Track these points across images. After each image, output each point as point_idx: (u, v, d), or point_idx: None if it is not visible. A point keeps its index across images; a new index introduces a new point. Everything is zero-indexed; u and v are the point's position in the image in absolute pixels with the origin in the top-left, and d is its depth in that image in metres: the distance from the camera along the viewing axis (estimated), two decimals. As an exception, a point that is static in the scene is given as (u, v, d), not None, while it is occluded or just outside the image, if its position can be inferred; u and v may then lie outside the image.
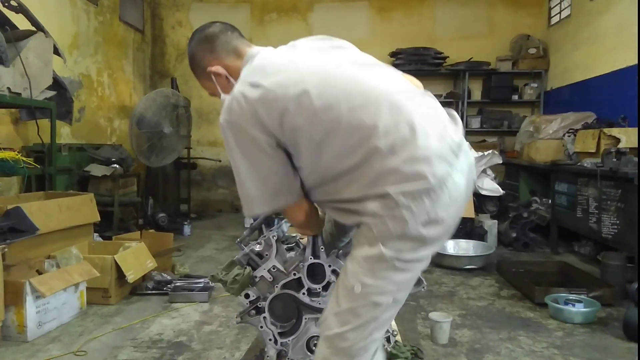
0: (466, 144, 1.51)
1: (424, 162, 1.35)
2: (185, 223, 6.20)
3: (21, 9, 3.93)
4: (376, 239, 1.37)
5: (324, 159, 1.44)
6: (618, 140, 4.36)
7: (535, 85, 7.47)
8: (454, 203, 1.40)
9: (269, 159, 1.46)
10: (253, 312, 1.97)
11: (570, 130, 5.39)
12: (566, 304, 3.37)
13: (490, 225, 5.33)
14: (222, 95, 1.67)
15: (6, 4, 3.87)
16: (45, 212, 3.38)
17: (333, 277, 1.89)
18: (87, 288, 3.44)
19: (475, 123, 7.53)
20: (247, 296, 1.95)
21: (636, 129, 4.35)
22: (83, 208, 3.79)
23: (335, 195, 1.47)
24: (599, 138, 4.57)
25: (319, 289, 1.91)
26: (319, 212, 1.80)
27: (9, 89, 3.57)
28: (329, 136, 1.40)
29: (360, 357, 1.45)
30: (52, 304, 3.08)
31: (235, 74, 1.62)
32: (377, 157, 1.37)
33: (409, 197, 1.34)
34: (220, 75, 1.66)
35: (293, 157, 1.50)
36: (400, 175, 1.35)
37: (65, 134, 5.55)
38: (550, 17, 7.43)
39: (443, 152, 1.38)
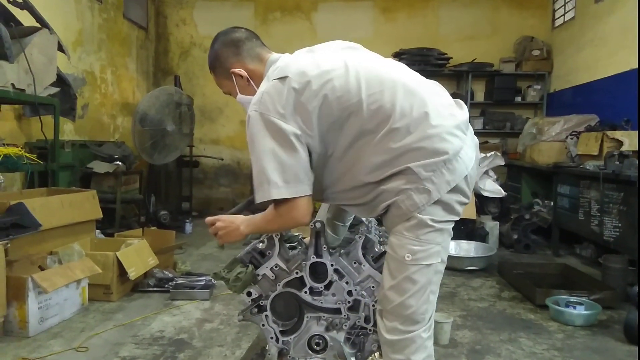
0: (471, 127, 1.67)
1: (439, 137, 1.50)
2: (187, 221, 6.22)
3: (26, 6, 3.93)
4: (407, 212, 1.51)
5: (345, 143, 1.56)
6: (621, 143, 4.36)
7: (539, 87, 7.46)
8: (469, 173, 1.56)
9: (293, 150, 1.52)
10: (255, 310, 1.97)
11: (573, 133, 5.39)
12: (567, 306, 3.37)
13: (492, 226, 5.33)
14: (239, 96, 1.79)
15: (11, 1, 3.88)
16: (48, 208, 3.39)
17: (335, 277, 1.89)
18: (89, 284, 3.45)
19: (478, 124, 7.52)
20: (249, 294, 1.95)
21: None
22: (85, 205, 3.80)
23: (357, 181, 1.57)
24: (602, 141, 4.57)
25: (321, 287, 1.91)
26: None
27: (13, 85, 3.57)
28: (350, 118, 1.53)
29: (424, 321, 1.57)
30: (54, 299, 3.09)
31: (255, 77, 1.75)
32: (395, 136, 1.50)
33: (429, 169, 1.48)
34: (242, 77, 1.76)
35: (313, 149, 1.58)
36: (419, 152, 1.49)
37: (69, 130, 5.56)
38: (554, 19, 7.42)
39: (454, 129, 1.54)
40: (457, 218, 1.58)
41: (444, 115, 1.54)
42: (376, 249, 1.91)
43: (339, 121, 1.54)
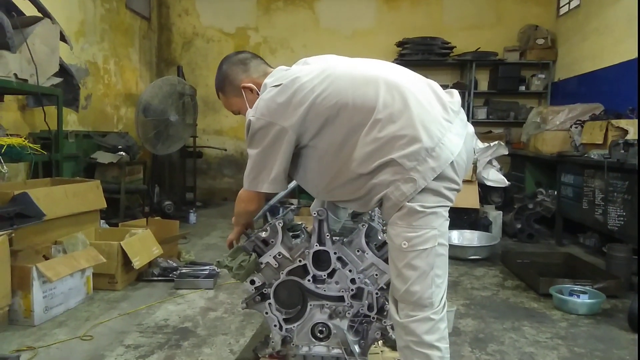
0: (464, 115, 1.73)
1: (419, 126, 1.57)
2: (191, 211, 6.23)
3: (28, -5, 3.92)
4: (397, 203, 1.58)
5: (338, 139, 1.64)
6: (626, 132, 4.33)
7: (543, 76, 7.42)
8: (456, 160, 1.60)
9: (281, 152, 1.68)
10: (258, 298, 1.98)
11: (578, 122, 5.36)
12: (571, 295, 3.37)
13: (495, 216, 5.32)
14: (248, 112, 1.83)
15: (13, -10, 3.86)
16: (52, 198, 3.40)
17: (338, 264, 1.90)
18: (94, 274, 3.46)
19: (482, 114, 7.49)
20: (252, 282, 1.96)
21: (644, 120, 4.33)
22: (89, 195, 3.81)
23: (351, 174, 1.64)
24: (607, 129, 4.54)
25: (324, 275, 1.91)
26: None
27: (15, 75, 3.57)
28: (340, 114, 1.63)
29: (432, 305, 1.61)
30: (59, 289, 3.11)
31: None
32: (380, 126, 1.59)
33: (412, 159, 1.55)
34: (252, 91, 1.88)
35: (308, 149, 1.71)
36: (401, 139, 1.57)
37: (72, 121, 5.56)
38: (559, 7, 7.36)
39: (436, 117, 1.61)
40: (449, 203, 1.63)
41: (425, 104, 1.62)
42: (379, 237, 1.91)
43: (330, 118, 1.64)
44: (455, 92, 1.78)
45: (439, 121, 1.61)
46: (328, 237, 1.89)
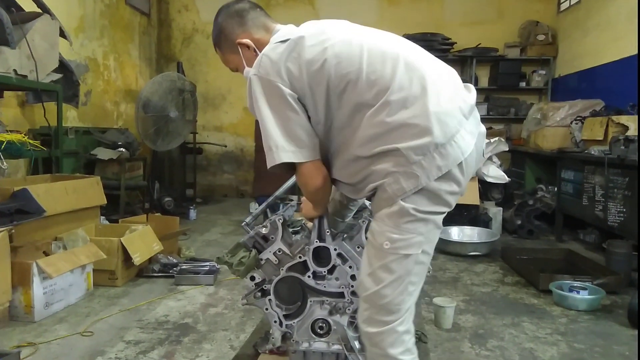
0: (477, 113, 1.58)
1: (433, 117, 1.41)
2: (191, 207, 6.23)
3: (27, -9, 3.91)
4: (393, 197, 1.43)
5: (344, 114, 1.51)
6: (626, 128, 4.32)
7: (544, 72, 7.41)
8: (465, 161, 1.46)
9: (294, 112, 1.51)
10: (258, 294, 1.98)
11: (578, 118, 5.35)
12: (571, 291, 3.37)
13: (495, 212, 5.32)
14: (245, 70, 1.69)
15: (12, -14, 3.85)
16: (52, 194, 3.40)
17: (338, 261, 1.89)
18: (94, 270, 3.46)
19: (482, 110, 7.47)
20: (252, 278, 1.96)
21: (645, 116, 4.32)
22: (89, 191, 3.81)
23: (350, 155, 1.51)
24: (607, 126, 4.53)
25: (324, 272, 1.91)
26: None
27: (15, 71, 3.56)
28: (348, 87, 1.48)
29: (399, 312, 1.50)
30: (59, 285, 3.11)
31: (262, 47, 1.63)
32: (390, 110, 1.43)
33: (419, 153, 1.40)
34: (249, 48, 1.70)
35: (312, 115, 1.55)
36: (411, 128, 1.41)
37: (72, 117, 5.56)
38: (559, 3, 7.34)
39: (452, 111, 1.45)
40: (445, 209, 1.50)
41: (444, 95, 1.46)
42: (379, 233, 1.90)
43: (337, 90, 1.49)
44: (472, 87, 1.64)
45: (455, 116, 1.45)
46: (328, 234, 1.89)
